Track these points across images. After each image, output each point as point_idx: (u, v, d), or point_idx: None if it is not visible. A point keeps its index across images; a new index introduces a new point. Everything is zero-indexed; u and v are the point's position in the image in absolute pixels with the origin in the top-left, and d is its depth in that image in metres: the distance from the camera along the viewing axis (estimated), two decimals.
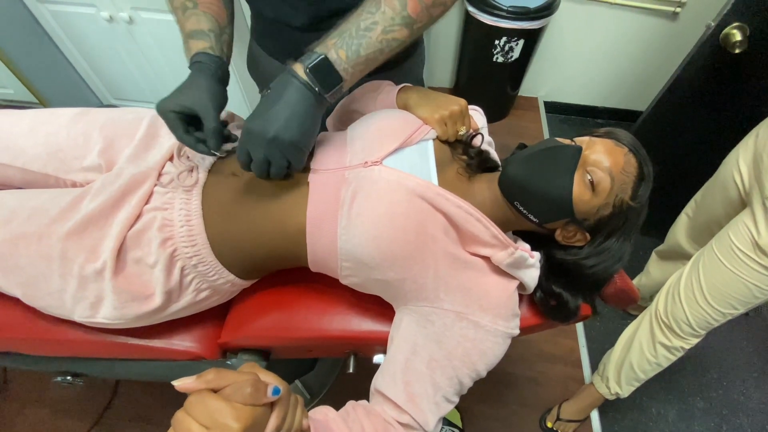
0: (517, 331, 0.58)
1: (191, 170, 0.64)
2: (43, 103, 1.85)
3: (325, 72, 0.52)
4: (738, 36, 1.05)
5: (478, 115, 0.74)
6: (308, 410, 0.46)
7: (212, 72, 0.59)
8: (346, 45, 0.52)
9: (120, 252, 0.57)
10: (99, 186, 0.60)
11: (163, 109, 0.57)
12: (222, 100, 0.59)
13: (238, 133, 0.59)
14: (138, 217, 0.59)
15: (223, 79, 0.61)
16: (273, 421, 0.36)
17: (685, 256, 1.23)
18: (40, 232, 0.56)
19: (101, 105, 2.05)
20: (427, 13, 0.54)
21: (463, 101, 0.65)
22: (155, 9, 1.52)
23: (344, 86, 0.55)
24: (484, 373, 0.56)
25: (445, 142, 0.66)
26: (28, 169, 0.66)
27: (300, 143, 0.54)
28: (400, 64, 0.83)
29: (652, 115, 1.41)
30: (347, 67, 0.53)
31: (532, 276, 0.60)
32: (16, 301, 0.61)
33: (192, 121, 0.58)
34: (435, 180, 0.58)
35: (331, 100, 0.56)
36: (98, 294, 0.57)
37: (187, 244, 0.59)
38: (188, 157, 0.65)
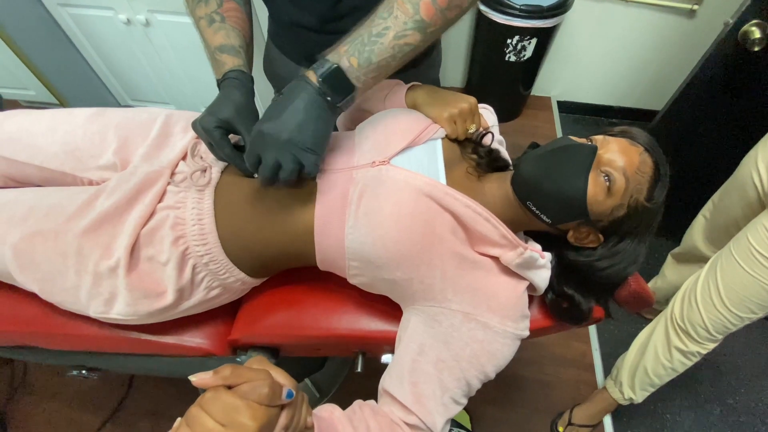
0: (526, 333, 0.57)
1: (204, 170, 0.64)
2: (63, 103, 1.89)
3: (338, 81, 0.52)
4: (757, 33, 1.03)
5: (488, 114, 0.74)
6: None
7: (248, 89, 0.59)
8: (358, 52, 0.51)
9: (133, 249, 0.58)
10: (114, 184, 0.61)
11: (207, 127, 0.56)
12: (257, 117, 0.59)
13: None
14: (151, 215, 0.60)
15: (253, 96, 0.62)
16: (283, 420, 0.36)
17: (702, 259, 1.20)
18: (56, 229, 0.58)
19: (119, 106, 2.09)
20: (442, 16, 0.52)
21: (472, 99, 0.64)
22: (171, 11, 1.55)
23: (357, 94, 0.54)
24: (492, 375, 0.56)
25: (455, 140, 0.65)
26: (46, 167, 0.67)
27: (314, 146, 0.53)
28: (416, 66, 0.83)
29: (669, 114, 1.38)
30: (359, 75, 0.52)
31: (542, 277, 0.59)
32: (33, 296, 0.63)
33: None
34: (443, 179, 0.58)
35: (345, 108, 0.55)
36: (112, 291, 0.58)
37: (198, 242, 0.60)
38: (201, 157, 0.66)
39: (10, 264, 0.59)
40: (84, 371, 0.87)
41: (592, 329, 1.49)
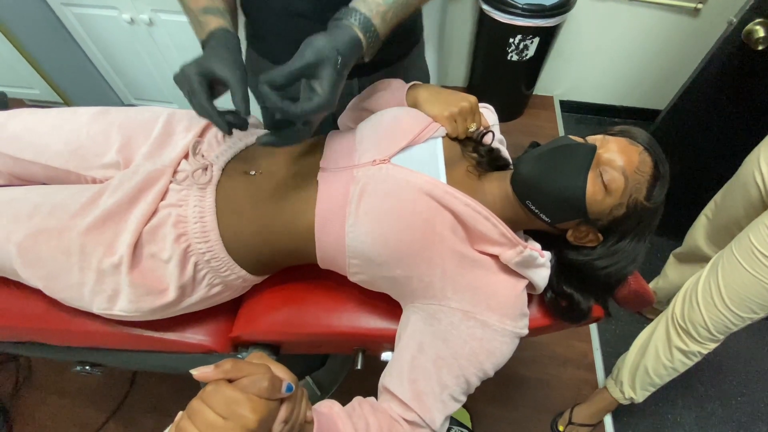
0: (525, 331, 0.57)
1: (205, 168, 0.65)
2: (67, 102, 1.91)
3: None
4: (761, 32, 1.02)
5: (488, 113, 0.74)
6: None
7: (235, 46, 0.56)
8: (396, 18, 0.54)
9: (136, 247, 0.59)
10: (117, 182, 0.62)
11: (187, 73, 0.52)
12: (245, 71, 0.54)
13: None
14: (154, 213, 0.61)
15: (240, 53, 0.59)
16: (282, 414, 0.37)
17: (703, 259, 1.20)
18: (60, 226, 0.58)
19: (122, 105, 2.10)
20: None
21: (473, 98, 0.64)
22: (174, 11, 1.56)
23: None
24: (491, 373, 0.56)
25: (455, 139, 0.66)
26: (51, 165, 0.68)
27: None
28: (404, 58, 0.82)
29: (672, 114, 1.37)
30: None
31: (542, 276, 0.59)
32: (38, 293, 0.63)
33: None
34: (443, 178, 0.58)
35: None
36: (115, 287, 0.59)
37: (200, 240, 0.60)
38: (203, 155, 0.66)
39: (15, 261, 0.60)
40: (87, 367, 0.88)
41: (593, 328, 1.49)
